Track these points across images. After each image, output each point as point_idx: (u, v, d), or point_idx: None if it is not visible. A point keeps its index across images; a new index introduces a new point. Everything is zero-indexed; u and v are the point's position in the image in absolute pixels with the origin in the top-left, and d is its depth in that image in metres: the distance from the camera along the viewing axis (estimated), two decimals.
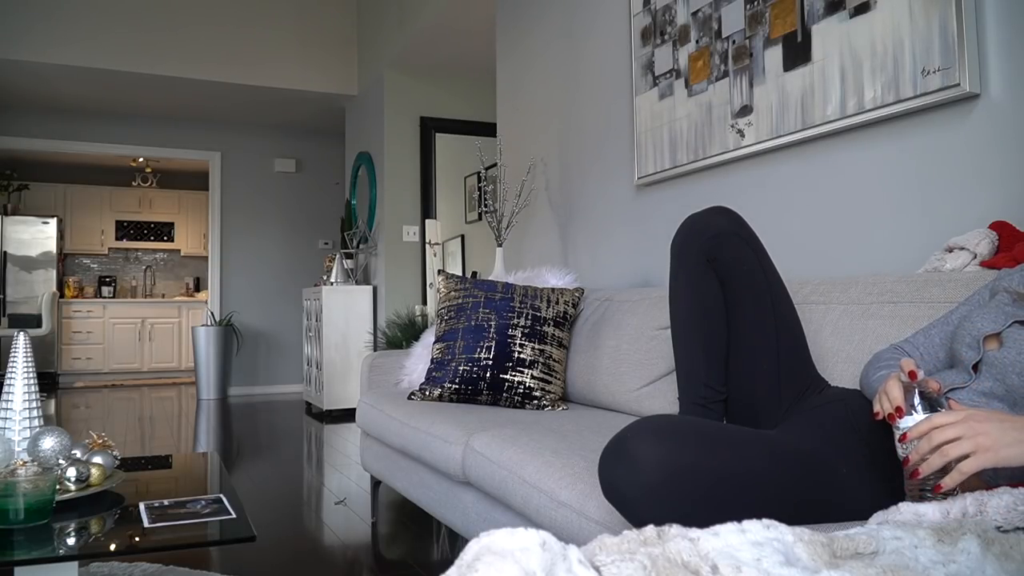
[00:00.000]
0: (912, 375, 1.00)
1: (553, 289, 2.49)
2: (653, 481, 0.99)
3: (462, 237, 6.75)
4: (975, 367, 1.07)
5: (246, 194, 6.79)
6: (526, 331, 2.33)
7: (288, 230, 7.21)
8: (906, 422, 0.98)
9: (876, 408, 1.05)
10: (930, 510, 0.87)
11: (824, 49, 2.01)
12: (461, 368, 2.30)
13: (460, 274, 5.32)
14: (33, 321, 7.88)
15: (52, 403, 6.53)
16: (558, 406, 2.29)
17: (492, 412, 2.14)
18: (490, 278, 2.92)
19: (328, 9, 6.20)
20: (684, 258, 1.42)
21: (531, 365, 2.28)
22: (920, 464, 0.92)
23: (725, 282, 1.39)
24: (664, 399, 2.01)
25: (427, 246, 5.58)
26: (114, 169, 9.19)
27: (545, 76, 3.53)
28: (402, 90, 5.65)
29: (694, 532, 0.73)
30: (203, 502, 1.61)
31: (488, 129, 5.19)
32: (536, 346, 2.32)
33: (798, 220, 2.17)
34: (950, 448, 0.88)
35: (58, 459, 1.56)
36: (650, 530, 0.76)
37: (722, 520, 0.77)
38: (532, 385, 2.27)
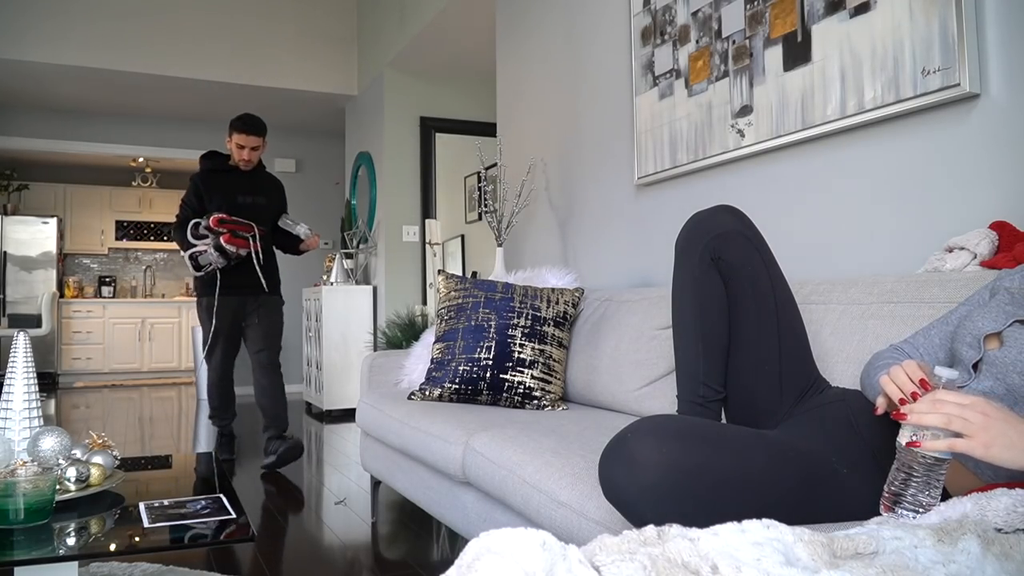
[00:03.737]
0: (924, 383, 0.99)
1: (553, 289, 2.49)
2: (653, 481, 0.99)
3: (462, 237, 6.75)
4: (975, 366, 1.07)
5: None
6: (526, 331, 2.33)
7: None
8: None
9: (880, 401, 1.05)
10: (929, 518, 0.87)
11: (824, 49, 2.01)
12: (461, 368, 2.30)
13: (460, 274, 5.32)
14: (33, 321, 7.88)
15: (52, 403, 6.53)
16: (558, 406, 2.29)
17: (492, 412, 2.14)
18: (490, 278, 2.92)
19: (328, 9, 6.19)
20: (688, 256, 1.42)
21: (531, 365, 2.28)
22: (911, 412, 0.90)
23: (729, 281, 1.39)
24: (664, 399, 2.01)
25: (427, 246, 5.58)
26: (114, 169, 9.19)
27: (545, 76, 3.53)
28: (402, 90, 5.65)
29: (694, 532, 0.73)
30: (203, 502, 1.61)
31: (488, 129, 5.19)
32: (536, 346, 2.32)
33: (798, 220, 2.17)
34: (954, 419, 0.87)
35: (58, 459, 1.56)
36: (650, 530, 0.76)
37: (722, 520, 0.77)
38: (532, 385, 2.27)
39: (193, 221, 3.48)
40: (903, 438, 0.93)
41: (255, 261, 3.53)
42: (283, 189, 3.87)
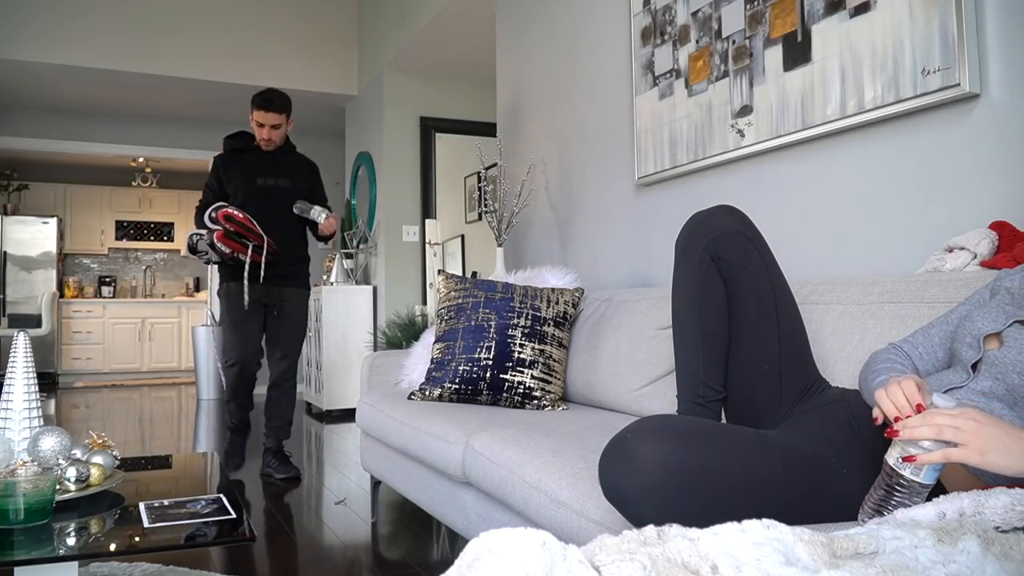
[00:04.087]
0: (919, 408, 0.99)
1: (553, 289, 2.49)
2: (653, 481, 0.99)
3: (462, 237, 6.75)
4: (975, 366, 1.07)
5: None
6: (526, 331, 2.33)
7: None
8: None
9: (876, 413, 1.04)
10: (926, 510, 0.87)
11: (824, 49, 2.01)
12: (461, 368, 2.30)
13: (460, 274, 5.32)
14: (33, 321, 7.88)
15: (52, 403, 6.53)
16: (558, 406, 2.29)
17: (492, 412, 2.14)
18: (490, 278, 2.92)
19: (328, 9, 6.20)
20: (688, 256, 1.42)
21: (531, 365, 2.28)
22: (904, 427, 0.90)
23: (729, 281, 1.39)
24: (664, 399, 2.01)
25: (427, 246, 5.58)
26: (114, 169, 9.19)
27: (545, 76, 3.53)
28: (402, 90, 5.65)
29: (694, 532, 0.73)
30: (203, 502, 1.61)
31: (488, 129, 5.19)
32: (536, 346, 2.32)
33: (798, 220, 2.17)
34: (946, 429, 0.88)
35: (58, 459, 1.56)
36: (650, 530, 0.76)
37: (722, 520, 0.77)
38: (532, 385, 2.27)
39: (216, 204, 3.17)
40: (890, 457, 0.93)
41: (245, 272, 3.20)
42: (316, 172, 3.51)
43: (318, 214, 3.29)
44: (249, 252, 3.17)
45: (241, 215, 3.12)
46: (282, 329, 3.39)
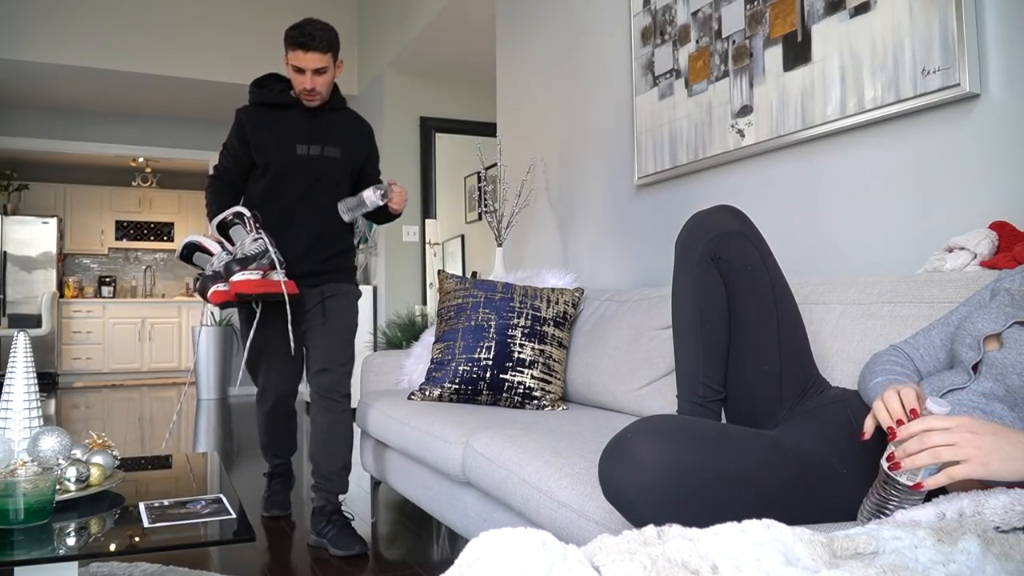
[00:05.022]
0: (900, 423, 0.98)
1: (553, 289, 2.49)
2: (653, 481, 0.99)
3: (462, 237, 6.75)
4: (975, 368, 1.07)
5: None
6: (526, 331, 2.33)
7: None
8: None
9: (868, 425, 1.04)
10: (926, 510, 0.87)
11: (824, 49, 2.01)
12: (461, 368, 2.30)
13: (460, 274, 5.32)
14: (33, 321, 7.88)
15: (52, 403, 6.53)
16: (558, 406, 2.29)
17: (492, 412, 2.14)
18: (490, 278, 2.92)
19: (328, 9, 6.19)
20: (688, 256, 1.42)
21: (531, 365, 2.28)
22: (904, 458, 0.90)
23: (729, 281, 1.39)
24: (664, 399, 2.01)
25: (427, 246, 5.58)
26: (114, 169, 9.19)
27: (545, 76, 3.53)
28: (402, 90, 5.65)
29: (694, 532, 0.73)
30: (203, 502, 1.61)
31: (488, 129, 5.19)
32: (536, 346, 2.32)
33: (798, 220, 2.17)
34: (943, 450, 0.86)
35: (58, 459, 1.56)
36: (650, 530, 0.76)
37: (722, 520, 0.77)
38: (532, 385, 2.27)
39: (234, 210, 2.32)
40: (885, 463, 0.93)
41: (255, 321, 2.42)
42: (371, 136, 2.63)
43: (379, 198, 2.38)
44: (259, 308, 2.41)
45: (253, 288, 2.25)
46: (325, 337, 2.47)
